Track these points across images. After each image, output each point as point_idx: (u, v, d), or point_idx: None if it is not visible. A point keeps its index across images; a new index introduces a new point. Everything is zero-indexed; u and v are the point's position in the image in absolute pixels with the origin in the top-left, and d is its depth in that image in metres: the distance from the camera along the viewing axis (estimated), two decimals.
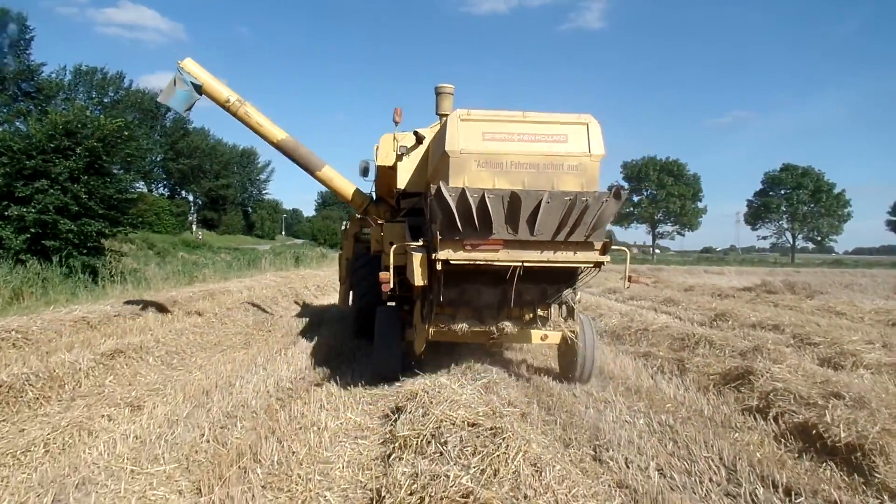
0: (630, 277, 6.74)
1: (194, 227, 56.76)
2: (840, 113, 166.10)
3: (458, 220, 5.25)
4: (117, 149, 18.41)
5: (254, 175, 74.97)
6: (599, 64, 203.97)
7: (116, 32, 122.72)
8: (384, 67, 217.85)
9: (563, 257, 5.57)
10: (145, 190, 50.91)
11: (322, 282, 22.30)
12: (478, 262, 5.44)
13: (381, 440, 4.79)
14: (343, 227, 12.03)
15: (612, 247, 5.93)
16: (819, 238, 79.06)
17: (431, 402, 4.73)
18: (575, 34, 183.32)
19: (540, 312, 6.47)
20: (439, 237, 5.34)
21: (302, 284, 19.70)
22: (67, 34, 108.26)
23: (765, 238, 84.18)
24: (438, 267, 5.41)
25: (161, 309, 11.85)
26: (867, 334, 10.37)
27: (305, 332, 10.37)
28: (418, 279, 5.72)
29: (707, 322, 12.31)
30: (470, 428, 4.05)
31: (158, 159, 53.36)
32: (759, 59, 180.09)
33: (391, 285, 6.07)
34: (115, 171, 19.07)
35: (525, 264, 5.49)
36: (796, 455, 4.64)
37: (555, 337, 6.57)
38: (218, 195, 62.90)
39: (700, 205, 78.60)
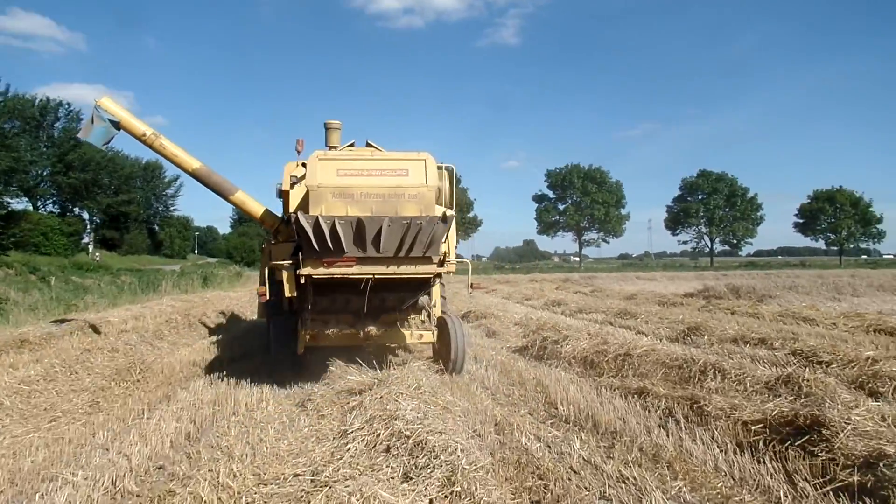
0: (472, 284, 8.07)
1: (91, 247, 51.26)
2: (739, 125, 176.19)
3: (314, 242, 6.26)
4: None
5: (160, 190, 68.90)
6: (516, 77, 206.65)
7: (5, 42, 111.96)
8: (302, 81, 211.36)
9: (407, 270, 6.61)
10: (29, 207, 45.38)
11: (232, 305, 19.38)
12: (335, 276, 6.49)
13: None
14: (262, 245, 11.48)
15: (459, 259, 7.58)
16: (735, 241, 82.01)
17: None
18: (491, 49, 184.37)
19: (413, 317, 7.76)
20: (301, 256, 6.41)
21: (205, 310, 16.78)
22: None
23: (685, 242, 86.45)
24: (302, 280, 6.47)
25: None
26: (857, 343, 9.09)
27: (191, 379, 7.83)
28: (287, 291, 6.77)
29: (678, 337, 10.71)
30: None
31: (46, 173, 47.61)
32: (662, 76, 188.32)
33: (267, 297, 7.53)
34: None
35: (376, 276, 6.55)
36: None
37: (429, 336, 7.85)
38: (118, 212, 57.12)
39: (623, 211, 79.79)
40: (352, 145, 8.94)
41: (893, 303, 18.68)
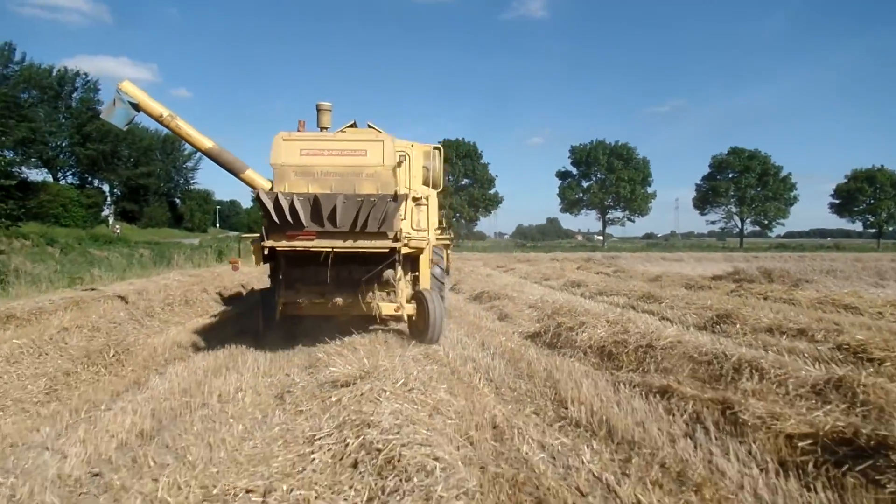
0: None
1: (111, 219, 51.37)
2: (772, 102, 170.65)
3: (274, 216, 6.77)
4: None
5: (179, 163, 68.77)
6: (542, 52, 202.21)
7: (32, 13, 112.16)
8: (325, 54, 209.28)
9: (363, 244, 7.03)
10: (49, 178, 45.43)
11: (241, 280, 18.88)
12: (297, 248, 6.95)
13: None
14: None
15: (422, 238, 8.17)
16: (766, 222, 79.23)
17: None
18: (518, 22, 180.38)
19: (385, 290, 7.99)
20: (265, 230, 6.95)
21: (214, 285, 16.30)
22: None
23: (713, 222, 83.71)
24: (265, 252, 7.18)
25: None
26: None
27: (170, 363, 7.22)
28: (255, 262, 7.78)
29: (707, 325, 9.81)
30: None
31: (64, 143, 47.49)
32: (693, 50, 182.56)
33: (239, 268, 9.94)
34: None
35: (335, 250, 6.95)
36: None
37: (409, 308, 8.13)
38: (138, 185, 57.14)
39: (650, 189, 77.57)
40: (353, 125, 9.17)
41: None
